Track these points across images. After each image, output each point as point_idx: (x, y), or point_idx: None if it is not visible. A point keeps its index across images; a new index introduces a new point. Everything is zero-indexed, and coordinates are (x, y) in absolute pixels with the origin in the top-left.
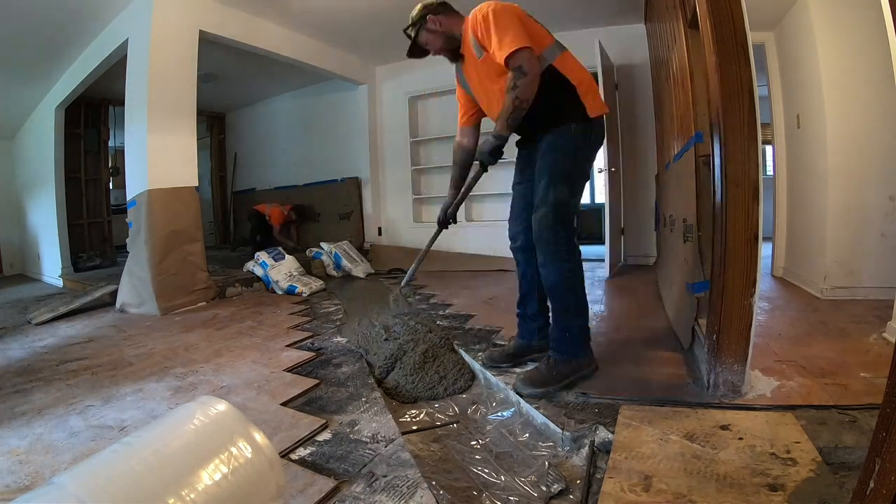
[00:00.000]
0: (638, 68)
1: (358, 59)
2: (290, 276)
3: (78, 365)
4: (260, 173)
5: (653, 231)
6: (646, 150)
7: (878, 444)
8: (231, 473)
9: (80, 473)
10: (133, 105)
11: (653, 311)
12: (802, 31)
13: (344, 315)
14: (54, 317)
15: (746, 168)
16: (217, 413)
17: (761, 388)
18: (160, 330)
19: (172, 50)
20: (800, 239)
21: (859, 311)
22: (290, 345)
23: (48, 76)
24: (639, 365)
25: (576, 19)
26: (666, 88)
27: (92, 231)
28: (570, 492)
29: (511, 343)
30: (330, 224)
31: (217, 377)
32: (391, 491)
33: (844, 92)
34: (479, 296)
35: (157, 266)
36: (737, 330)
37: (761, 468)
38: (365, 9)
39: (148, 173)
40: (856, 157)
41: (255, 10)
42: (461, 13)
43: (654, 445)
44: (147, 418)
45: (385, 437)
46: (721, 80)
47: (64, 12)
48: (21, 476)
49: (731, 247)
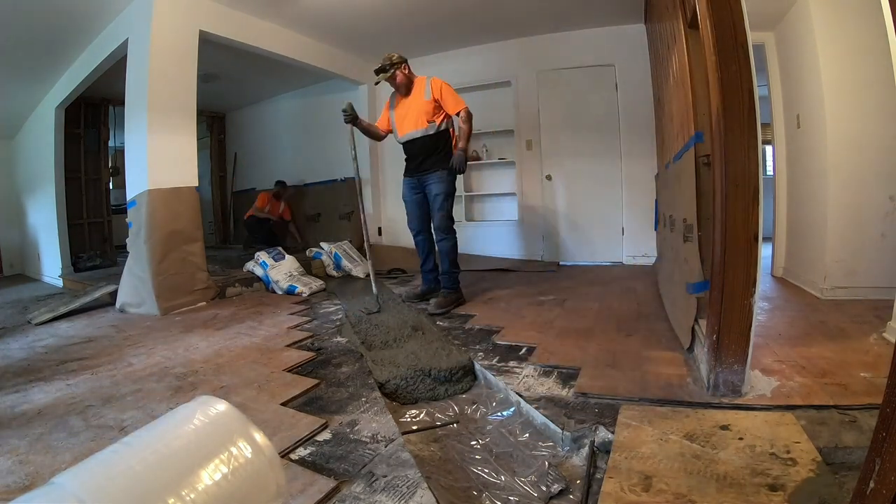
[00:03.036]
0: (638, 68)
1: (358, 59)
2: (290, 276)
3: (78, 365)
4: (260, 173)
5: (653, 231)
6: (646, 150)
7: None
8: (231, 473)
9: (80, 473)
10: (133, 105)
11: (653, 311)
12: (802, 31)
13: (344, 315)
14: (54, 317)
15: (746, 168)
16: (217, 413)
17: (761, 388)
18: (160, 330)
19: (172, 50)
20: (800, 239)
21: (859, 311)
22: (290, 345)
23: (48, 76)
24: (639, 365)
25: (576, 19)
26: (666, 88)
27: (92, 231)
28: (570, 492)
29: (419, 288)
30: (330, 224)
31: (217, 377)
32: (391, 491)
33: (844, 92)
34: (480, 296)
35: (157, 266)
36: (737, 330)
37: (761, 468)
38: (365, 8)
39: (148, 173)
40: (856, 157)
41: (255, 10)
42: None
43: (654, 445)
44: (147, 418)
45: (385, 437)
46: (721, 80)
47: (64, 12)
48: (21, 476)
49: (731, 247)
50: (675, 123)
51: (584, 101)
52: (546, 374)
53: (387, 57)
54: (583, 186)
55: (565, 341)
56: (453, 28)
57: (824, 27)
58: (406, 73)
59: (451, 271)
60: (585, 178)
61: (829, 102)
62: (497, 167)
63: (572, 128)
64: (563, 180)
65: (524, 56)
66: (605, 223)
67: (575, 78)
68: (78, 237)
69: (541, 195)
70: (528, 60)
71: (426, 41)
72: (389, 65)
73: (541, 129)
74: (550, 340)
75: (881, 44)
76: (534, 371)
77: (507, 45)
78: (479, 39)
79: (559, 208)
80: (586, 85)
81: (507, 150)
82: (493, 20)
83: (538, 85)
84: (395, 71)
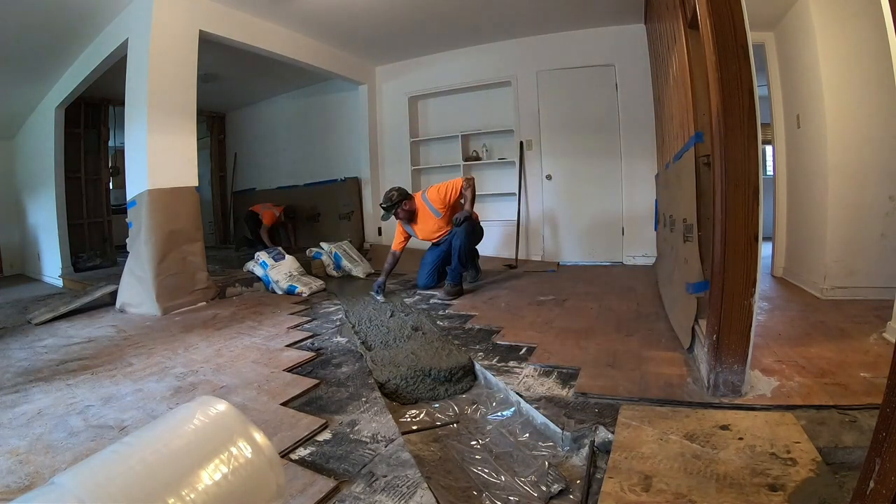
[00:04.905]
0: (638, 68)
1: (358, 59)
2: (290, 276)
3: (78, 365)
4: (260, 173)
5: (653, 231)
6: (646, 150)
7: (878, 444)
8: (231, 473)
9: (80, 473)
10: (133, 105)
11: (653, 311)
12: (802, 31)
13: (344, 315)
14: (54, 317)
15: (746, 168)
16: (217, 413)
17: (761, 388)
18: (160, 330)
19: (172, 50)
20: (800, 239)
21: (859, 311)
22: (290, 345)
23: (48, 76)
24: (639, 365)
25: (576, 19)
26: (666, 88)
27: (92, 231)
28: (570, 492)
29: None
30: (330, 224)
31: (217, 377)
32: (391, 491)
33: (844, 92)
34: (480, 296)
35: (157, 266)
36: (737, 330)
37: (761, 468)
38: (365, 9)
39: (148, 173)
40: (856, 157)
41: (255, 10)
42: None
43: (654, 445)
44: (147, 418)
45: (385, 437)
46: (721, 80)
47: (64, 12)
48: (21, 476)
49: (731, 247)
50: (675, 123)
51: (584, 101)
52: (546, 374)
53: (387, 197)
54: (583, 186)
55: (565, 341)
56: (453, 28)
57: (824, 27)
58: (406, 208)
59: (457, 270)
60: (585, 178)
61: (829, 102)
62: (497, 167)
63: (572, 128)
64: (564, 180)
65: (524, 56)
66: (605, 223)
67: (575, 78)
68: (78, 237)
69: (541, 195)
70: (528, 60)
71: (426, 41)
72: (390, 205)
73: (541, 128)
74: (550, 340)
75: (881, 44)
76: (534, 371)
77: (507, 45)
78: (479, 39)
79: (559, 208)
80: (586, 85)
81: (507, 150)
82: (493, 20)
83: (538, 85)
84: (397, 209)
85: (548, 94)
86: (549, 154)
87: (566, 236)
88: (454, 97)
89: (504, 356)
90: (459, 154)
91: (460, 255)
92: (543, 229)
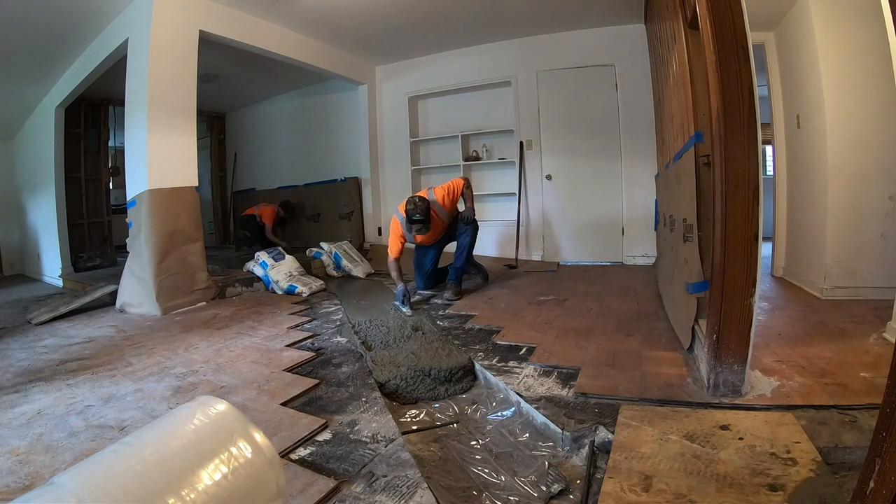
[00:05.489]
0: (638, 68)
1: (358, 59)
2: (290, 276)
3: (78, 365)
4: (260, 173)
5: (653, 231)
6: (646, 150)
7: (878, 444)
8: (231, 473)
9: (80, 473)
10: (133, 105)
11: (653, 311)
12: (802, 31)
13: (344, 315)
14: (54, 317)
15: (746, 168)
16: (217, 413)
17: (761, 388)
18: (160, 330)
19: (172, 50)
20: (800, 239)
21: (859, 311)
22: (290, 345)
23: (48, 76)
24: (639, 365)
25: (576, 19)
26: (666, 88)
27: (92, 231)
28: (570, 492)
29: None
30: (330, 224)
31: (217, 377)
32: (391, 491)
33: (844, 92)
34: (479, 296)
35: (157, 266)
36: (737, 330)
37: (761, 468)
38: (365, 9)
39: (148, 173)
40: (856, 157)
41: (255, 10)
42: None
43: (654, 445)
44: (147, 418)
45: (385, 437)
46: (721, 80)
47: (64, 12)
48: (21, 476)
49: (731, 247)
50: (675, 123)
51: (584, 100)
52: (546, 374)
53: (421, 210)
54: (583, 186)
55: (565, 341)
56: (453, 28)
57: (824, 27)
58: (432, 213)
59: (459, 270)
60: (585, 178)
61: (829, 102)
62: (497, 167)
63: (572, 128)
64: (564, 180)
65: (524, 56)
66: (605, 223)
67: (575, 78)
68: (78, 237)
69: (541, 195)
70: (527, 60)
71: (426, 41)
72: (425, 217)
73: (541, 128)
74: (550, 340)
75: (881, 44)
76: (534, 371)
77: (507, 45)
78: (479, 39)
79: (559, 208)
80: (586, 85)
81: (507, 150)
82: (493, 20)
83: (538, 85)
84: (430, 217)
85: (548, 94)
86: (549, 154)
87: (566, 236)
88: (454, 97)
89: (504, 356)
90: (459, 154)
91: (467, 255)
92: (543, 229)
